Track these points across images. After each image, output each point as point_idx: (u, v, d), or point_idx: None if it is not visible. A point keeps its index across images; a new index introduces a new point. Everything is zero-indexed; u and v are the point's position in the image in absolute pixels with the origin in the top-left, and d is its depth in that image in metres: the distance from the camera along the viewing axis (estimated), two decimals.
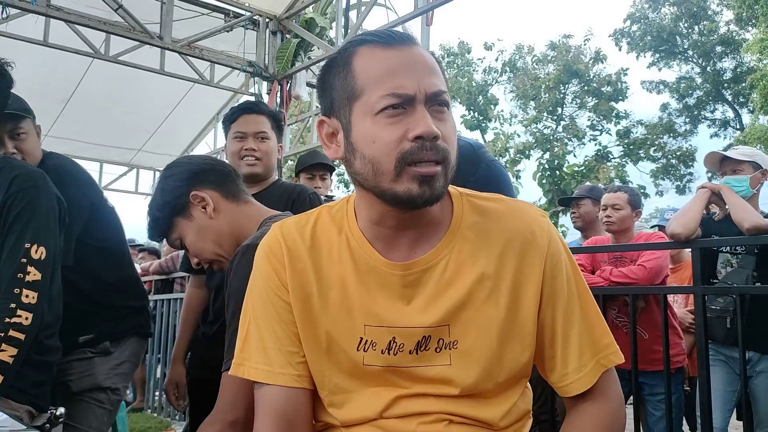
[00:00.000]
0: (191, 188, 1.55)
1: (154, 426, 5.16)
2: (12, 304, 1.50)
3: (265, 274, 1.06)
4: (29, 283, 1.53)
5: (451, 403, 1.00)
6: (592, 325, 1.05)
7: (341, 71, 0.99)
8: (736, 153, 2.91)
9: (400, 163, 0.92)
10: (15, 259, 1.54)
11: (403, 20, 5.11)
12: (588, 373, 1.03)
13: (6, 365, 1.46)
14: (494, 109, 27.70)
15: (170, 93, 7.75)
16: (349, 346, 1.01)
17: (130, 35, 5.39)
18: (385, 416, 1.00)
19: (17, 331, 1.49)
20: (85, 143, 8.50)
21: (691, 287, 2.55)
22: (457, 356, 0.99)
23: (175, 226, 1.57)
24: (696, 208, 2.69)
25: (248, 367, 1.04)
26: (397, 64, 0.94)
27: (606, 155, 27.33)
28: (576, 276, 1.06)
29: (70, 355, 1.94)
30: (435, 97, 0.95)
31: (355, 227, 1.04)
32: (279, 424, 1.00)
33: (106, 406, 2.01)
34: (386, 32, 0.99)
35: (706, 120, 27.25)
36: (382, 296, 1.00)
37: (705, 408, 2.38)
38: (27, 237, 1.56)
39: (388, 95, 0.93)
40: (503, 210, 1.05)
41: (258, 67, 6.22)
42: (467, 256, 1.01)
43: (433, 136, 0.91)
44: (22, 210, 1.58)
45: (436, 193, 0.93)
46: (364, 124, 0.95)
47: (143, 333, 2.18)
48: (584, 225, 3.76)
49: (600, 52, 27.51)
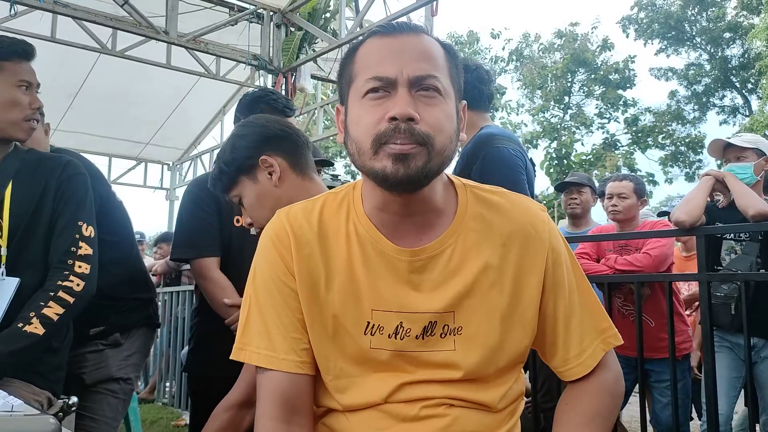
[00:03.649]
0: (262, 152, 1.55)
1: (165, 416, 5.22)
2: (65, 271, 1.62)
3: (271, 260, 1.06)
4: (81, 256, 1.65)
5: (454, 388, 1.03)
6: (591, 311, 1.11)
7: (349, 61, 1.03)
8: (739, 140, 2.91)
9: (375, 143, 0.94)
10: (70, 235, 1.66)
11: (407, 11, 5.11)
12: (589, 357, 1.08)
13: (50, 321, 1.55)
14: (501, 98, 27.59)
15: (177, 87, 7.79)
16: (356, 331, 1.03)
17: (136, 30, 5.43)
18: (390, 401, 1.02)
19: (67, 293, 1.59)
20: (93, 137, 8.57)
21: (696, 274, 2.56)
22: (462, 342, 1.02)
23: (239, 184, 1.58)
24: (700, 195, 2.69)
25: (250, 351, 1.05)
26: (386, 50, 0.98)
27: (614, 143, 27.19)
28: (575, 266, 1.12)
29: (83, 348, 1.98)
30: (420, 80, 0.96)
31: (362, 213, 1.06)
32: (281, 407, 1.02)
33: (120, 396, 2.05)
34: (393, 23, 1.02)
35: (715, 107, 27.04)
36: (390, 281, 1.03)
37: (710, 394, 2.40)
38: (79, 216, 1.69)
39: (371, 78, 0.96)
40: (506, 203, 1.09)
41: (263, 60, 6.24)
42: (472, 245, 1.04)
43: (407, 118, 0.93)
44: (75, 192, 1.71)
45: (411, 173, 0.93)
46: (353, 107, 0.99)
47: (152, 324, 2.22)
48: (581, 212, 3.78)
49: (607, 40, 27.31)
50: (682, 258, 4.00)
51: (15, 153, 1.72)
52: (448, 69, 1.02)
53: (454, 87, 1.02)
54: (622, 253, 3.11)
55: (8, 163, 1.69)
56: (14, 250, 1.63)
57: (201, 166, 9.89)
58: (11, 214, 1.63)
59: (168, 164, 10.40)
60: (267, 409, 1.02)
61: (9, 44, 1.70)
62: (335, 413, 1.07)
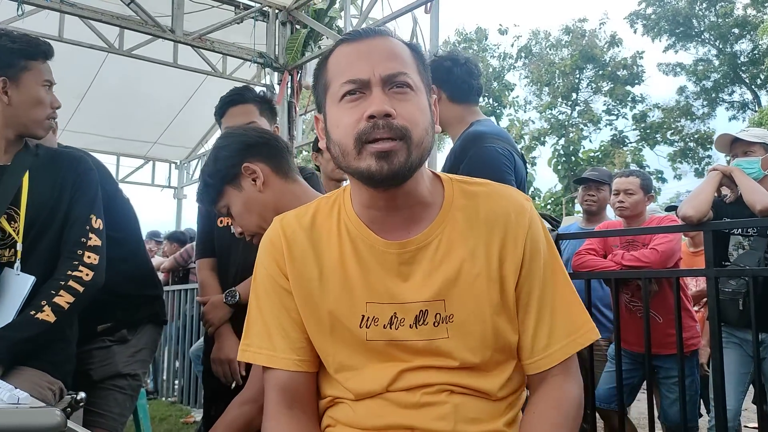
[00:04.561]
0: (244, 159, 1.58)
1: (174, 414, 5.25)
2: (75, 261, 1.68)
3: (267, 265, 1.14)
4: (91, 246, 1.71)
5: (453, 375, 1.06)
6: (568, 306, 1.11)
7: (322, 70, 1.10)
8: (747, 135, 2.89)
9: (357, 143, 0.99)
10: (81, 226, 1.72)
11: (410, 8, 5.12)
12: (557, 352, 1.08)
13: (61, 309, 1.61)
14: (509, 95, 27.51)
15: (184, 86, 7.81)
16: (353, 324, 1.08)
17: (143, 29, 5.45)
18: (391, 390, 1.06)
19: (77, 283, 1.65)
20: (101, 137, 8.61)
21: (704, 270, 2.54)
22: (454, 329, 1.06)
23: (225, 194, 1.61)
24: (707, 190, 2.67)
25: (252, 352, 1.13)
26: (356, 54, 1.04)
27: (622, 140, 27.10)
28: (554, 260, 1.12)
29: (90, 344, 1.99)
30: (391, 78, 1.01)
31: (351, 212, 1.12)
32: (284, 398, 1.10)
33: (127, 392, 2.06)
34: (358, 30, 1.10)
35: (724, 102, 26.89)
36: (381, 274, 1.07)
37: (719, 390, 2.39)
38: (90, 209, 1.75)
39: (346, 82, 1.02)
40: (489, 192, 1.13)
41: (268, 57, 6.26)
42: (458, 235, 1.08)
43: (384, 114, 0.98)
44: (87, 187, 1.78)
45: (395, 168, 0.98)
46: (332, 112, 1.05)
47: (159, 321, 2.23)
48: (596, 210, 3.72)
49: (615, 36, 27.23)
50: (689, 253, 3.97)
51: (27, 149, 1.76)
52: (416, 66, 1.07)
53: (423, 82, 1.08)
54: (629, 249, 3.09)
55: (23, 159, 1.73)
56: (29, 244, 1.66)
57: None
58: (28, 209, 1.67)
59: (176, 163, 10.44)
60: (272, 398, 1.10)
61: (35, 44, 1.74)
62: (340, 405, 1.11)
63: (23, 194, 1.68)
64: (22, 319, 1.57)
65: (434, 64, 2.41)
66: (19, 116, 1.71)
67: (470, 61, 2.43)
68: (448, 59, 2.41)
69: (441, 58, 2.45)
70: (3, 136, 1.71)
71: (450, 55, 2.47)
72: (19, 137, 1.74)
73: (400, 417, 1.05)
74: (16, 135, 1.73)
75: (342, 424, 1.09)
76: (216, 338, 2.12)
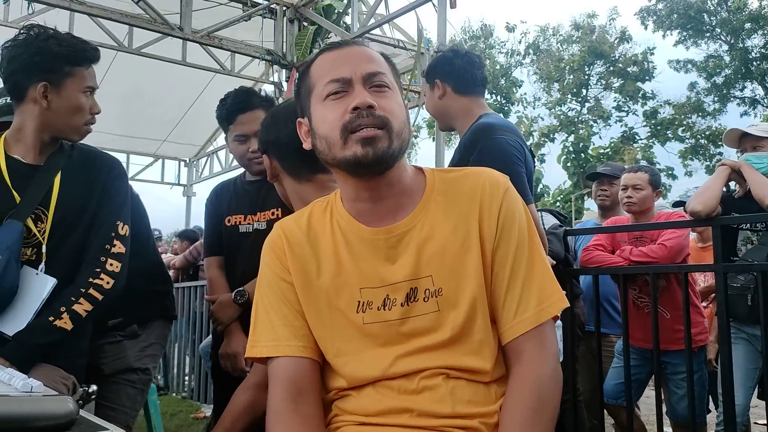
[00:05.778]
0: None
1: (185, 409, 5.29)
2: (97, 268, 1.67)
3: (270, 262, 1.23)
4: (114, 254, 1.71)
5: (447, 356, 1.12)
6: (541, 275, 1.16)
7: (305, 77, 1.21)
8: (756, 129, 2.87)
9: (343, 133, 1.10)
10: (107, 232, 1.72)
11: (413, 6, 5.12)
12: (528, 318, 1.12)
13: (79, 317, 1.62)
14: (517, 92, 27.42)
15: (192, 84, 7.85)
16: (350, 310, 1.16)
17: (152, 27, 5.48)
18: (389, 375, 1.12)
19: (97, 291, 1.65)
20: (111, 135, 8.65)
21: (712, 265, 2.53)
22: (444, 302, 1.13)
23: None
24: (716, 185, 2.66)
25: (259, 347, 1.19)
26: (337, 58, 1.17)
27: (632, 136, 26.93)
28: (530, 233, 1.18)
29: (101, 339, 2.01)
30: (371, 77, 1.13)
31: (341, 209, 1.21)
32: (289, 389, 1.13)
33: (138, 386, 2.09)
34: (337, 42, 1.23)
35: (736, 99, 26.60)
36: (371, 260, 1.16)
37: (727, 386, 2.38)
38: (117, 215, 1.75)
39: (330, 81, 1.13)
40: (467, 173, 1.22)
41: (276, 55, 6.28)
42: (440, 215, 1.17)
43: (367, 106, 1.08)
44: (117, 192, 1.78)
45: (379, 153, 1.08)
46: (317, 110, 1.16)
47: (168, 316, 2.26)
48: (610, 204, 3.71)
49: (625, 32, 27.04)
50: (697, 249, 3.95)
51: (61, 150, 1.76)
52: (390, 70, 1.19)
53: (398, 85, 1.19)
54: (638, 245, 3.09)
55: (56, 159, 1.73)
56: (53, 245, 1.67)
57: (217, 162, 9.96)
58: (56, 210, 1.68)
59: (185, 160, 10.49)
60: (277, 392, 1.14)
61: (82, 49, 1.73)
62: (346, 396, 1.17)
63: (53, 195, 1.68)
64: (40, 324, 1.59)
65: (437, 58, 2.45)
66: (56, 121, 1.70)
67: (471, 53, 2.48)
68: (449, 51, 2.48)
69: (442, 51, 2.52)
70: (39, 138, 1.70)
71: (451, 48, 2.52)
72: (54, 139, 1.74)
73: (400, 401, 1.11)
74: (51, 137, 1.73)
75: (348, 412, 1.15)
76: (225, 335, 2.18)
